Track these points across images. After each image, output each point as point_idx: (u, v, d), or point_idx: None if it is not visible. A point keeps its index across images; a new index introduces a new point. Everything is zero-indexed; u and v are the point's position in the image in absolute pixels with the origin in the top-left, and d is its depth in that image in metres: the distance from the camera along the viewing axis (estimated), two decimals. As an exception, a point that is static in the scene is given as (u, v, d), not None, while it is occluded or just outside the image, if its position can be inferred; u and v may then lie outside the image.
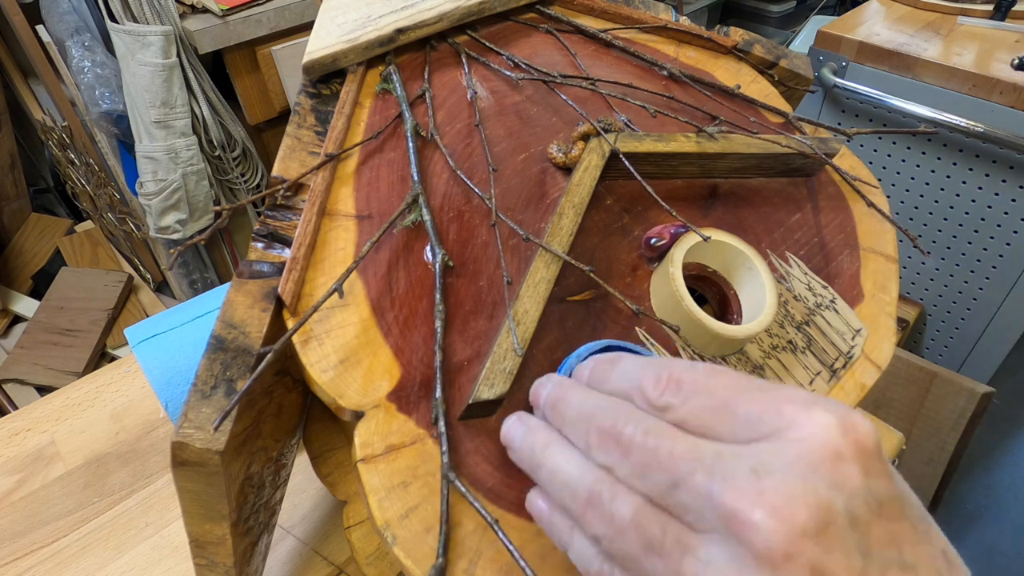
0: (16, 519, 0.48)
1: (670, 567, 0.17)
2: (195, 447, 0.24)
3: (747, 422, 0.18)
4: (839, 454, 0.16)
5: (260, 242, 0.29)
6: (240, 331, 0.27)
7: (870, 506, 0.16)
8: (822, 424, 0.17)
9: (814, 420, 0.17)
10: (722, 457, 0.17)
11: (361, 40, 0.35)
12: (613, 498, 0.19)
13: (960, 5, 1.01)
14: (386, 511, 0.25)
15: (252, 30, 1.21)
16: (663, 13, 0.43)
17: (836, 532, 0.16)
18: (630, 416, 0.19)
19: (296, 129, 0.33)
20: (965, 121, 0.84)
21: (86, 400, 0.56)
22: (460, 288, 0.30)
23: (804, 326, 0.34)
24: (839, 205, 0.38)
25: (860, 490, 0.16)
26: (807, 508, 0.15)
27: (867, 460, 0.17)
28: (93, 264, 1.57)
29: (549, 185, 0.34)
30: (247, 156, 1.33)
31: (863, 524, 0.16)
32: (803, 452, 0.16)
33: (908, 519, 0.17)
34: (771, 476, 0.16)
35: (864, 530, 0.16)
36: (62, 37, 1.20)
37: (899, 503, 0.17)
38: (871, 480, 0.17)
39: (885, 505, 0.17)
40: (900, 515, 0.17)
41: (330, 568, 0.44)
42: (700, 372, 0.19)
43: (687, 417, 0.19)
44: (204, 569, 0.31)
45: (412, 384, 0.27)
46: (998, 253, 0.93)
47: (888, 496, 0.17)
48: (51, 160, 1.60)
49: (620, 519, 0.18)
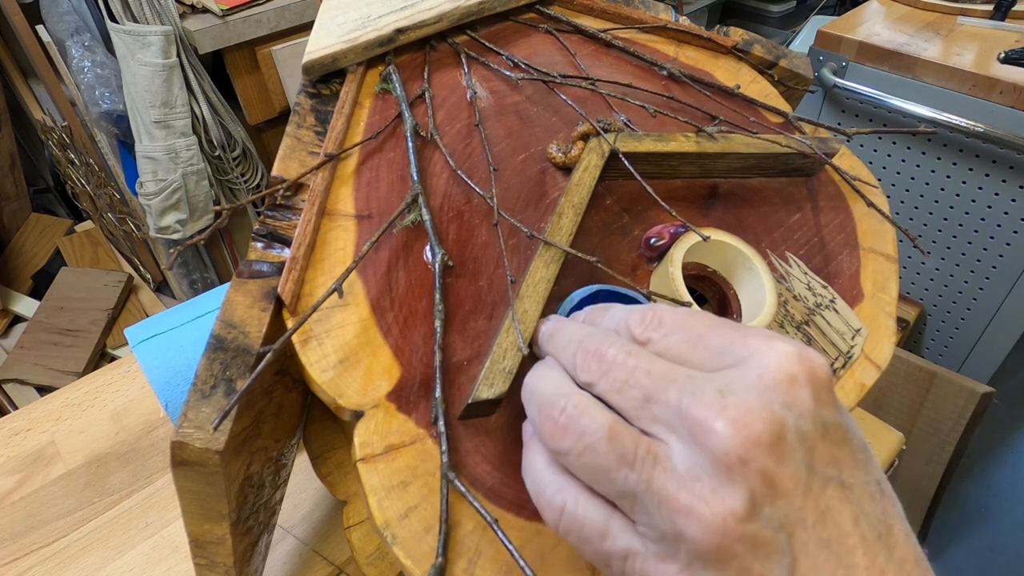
0: (16, 519, 0.48)
1: (642, 477, 0.18)
2: (195, 447, 0.24)
3: (717, 352, 0.20)
4: (793, 378, 0.19)
5: (260, 242, 0.29)
6: (240, 331, 0.27)
7: (817, 427, 0.19)
8: (781, 352, 0.19)
9: (775, 349, 0.19)
10: (692, 379, 0.19)
11: (361, 40, 0.35)
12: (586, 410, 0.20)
13: (960, 5, 1.01)
14: (386, 511, 0.25)
15: (252, 30, 1.21)
16: (663, 13, 0.44)
17: (786, 445, 0.18)
18: (614, 341, 0.21)
19: (296, 129, 0.33)
20: (965, 121, 0.84)
21: (86, 400, 0.56)
22: (460, 288, 0.30)
23: (804, 326, 0.34)
24: (839, 205, 0.38)
25: (809, 411, 0.18)
26: (762, 422, 0.18)
27: (818, 387, 0.19)
28: (93, 264, 1.57)
29: (549, 185, 0.34)
30: (247, 156, 1.33)
31: (810, 441, 0.18)
32: (763, 375, 0.19)
33: (849, 446, 0.19)
34: (733, 395, 0.18)
35: (810, 447, 0.18)
36: (62, 37, 1.20)
37: (842, 430, 0.19)
38: (820, 406, 0.19)
39: (830, 429, 0.19)
40: (843, 441, 0.19)
41: (330, 568, 0.44)
42: (681, 313, 0.22)
43: (666, 349, 0.21)
44: (204, 569, 0.31)
45: (412, 384, 0.27)
46: (998, 253, 0.93)
47: (833, 422, 0.19)
48: (51, 160, 1.60)
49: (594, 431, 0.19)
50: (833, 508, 0.18)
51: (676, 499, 0.18)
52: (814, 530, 0.18)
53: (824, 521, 0.18)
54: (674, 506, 0.18)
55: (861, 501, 0.19)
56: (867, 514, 0.19)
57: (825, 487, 0.18)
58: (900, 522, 0.19)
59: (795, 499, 0.18)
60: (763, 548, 0.17)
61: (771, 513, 0.18)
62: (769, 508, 0.18)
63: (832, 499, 0.18)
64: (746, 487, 0.17)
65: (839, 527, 0.18)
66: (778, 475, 0.18)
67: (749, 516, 0.17)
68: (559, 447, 0.20)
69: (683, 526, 0.18)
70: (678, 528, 0.18)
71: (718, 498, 0.17)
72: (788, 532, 0.18)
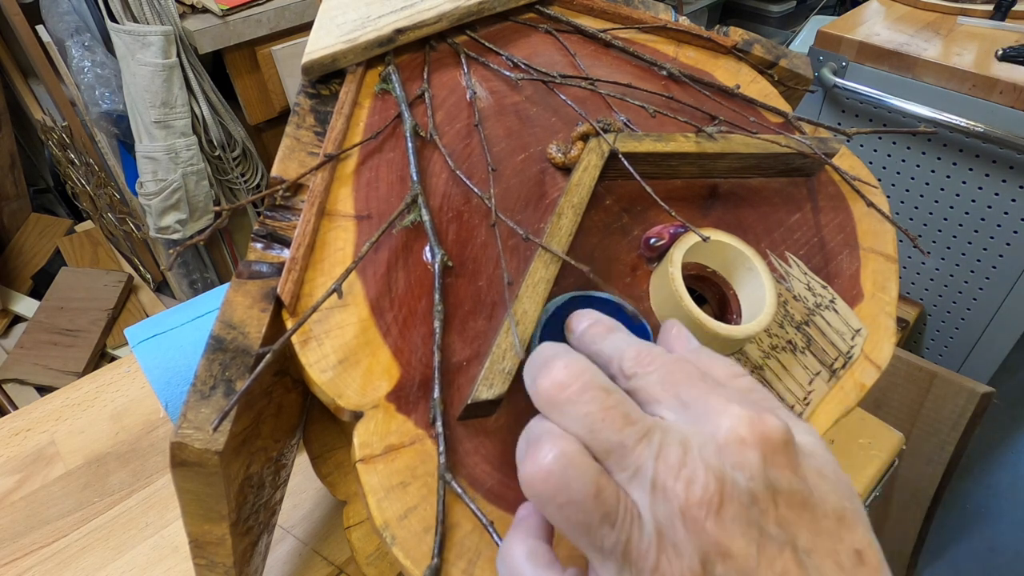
0: (16, 519, 0.48)
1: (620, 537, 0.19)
2: (194, 447, 0.24)
3: (683, 405, 0.21)
4: (743, 441, 0.19)
5: (259, 242, 0.29)
6: (239, 331, 0.27)
7: (768, 490, 0.19)
8: (734, 415, 0.20)
9: (729, 411, 0.20)
10: (665, 432, 0.20)
11: (360, 40, 0.35)
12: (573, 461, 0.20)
13: (960, 5, 1.01)
14: (385, 511, 0.25)
15: (252, 30, 1.21)
16: (663, 13, 0.43)
17: (737, 506, 0.18)
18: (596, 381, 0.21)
19: (295, 129, 0.33)
20: (965, 121, 0.84)
21: (86, 400, 0.56)
22: (459, 288, 0.30)
23: (804, 326, 0.34)
24: (839, 205, 0.38)
25: (758, 473, 0.19)
26: (715, 481, 0.18)
27: (769, 450, 0.19)
28: (93, 264, 1.57)
29: (548, 185, 0.34)
30: (247, 156, 1.33)
31: (761, 504, 0.19)
32: (716, 437, 0.19)
33: (810, 511, 0.19)
34: (691, 454, 0.19)
35: (762, 509, 0.19)
36: (62, 37, 1.20)
37: (800, 496, 0.19)
38: (771, 468, 0.19)
39: (782, 492, 0.19)
40: (799, 505, 0.19)
41: (330, 568, 0.44)
42: (671, 359, 0.22)
43: (643, 387, 0.22)
44: (204, 569, 0.31)
45: (411, 384, 0.27)
46: (998, 253, 0.93)
47: (787, 487, 0.19)
48: (51, 160, 1.60)
49: (581, 488, 0.19)
50: (790, 571, 0.18)
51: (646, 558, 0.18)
52: None
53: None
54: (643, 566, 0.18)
55: (822, 567, 0.19)
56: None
57: (781, 551, 0.18)
58: None
59: (747, 561, 0.18)
60: None
61: (723, 572, 0.18)
62: (721, 567, 0.18)
63: (788, 563, 0.18)
64: (699, 545, 0.18)
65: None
66: (728, 535, 0.18)
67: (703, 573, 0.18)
68: (540, 493, 0.20)
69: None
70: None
71: (675, 554, 0.18)
72: None
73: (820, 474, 0.20)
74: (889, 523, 1.04)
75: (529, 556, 0.21)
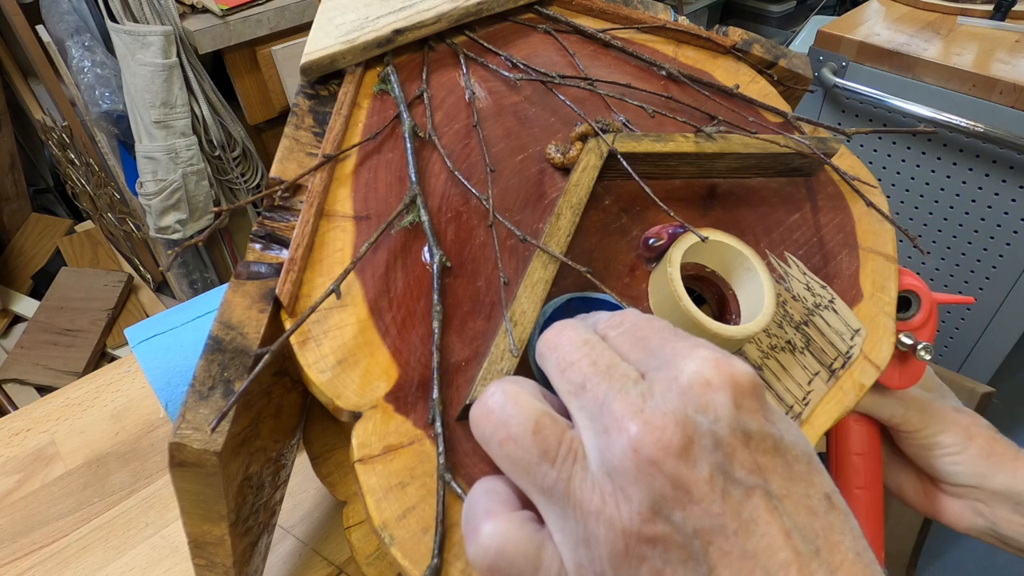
0: (16, 519, 0.48)
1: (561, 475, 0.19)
2: (193, 448, 0.24)
3: (650, 353, 0.20)
4: (708, 383, 0.18)
5: (258, 243, 0.29)
6: (238, 332, 0.27)
7: (735, 433, 0.18)
8: (700, 357, 0.19)
9: (695, 355, 0.19)
10: (626, 378, 0.19)
11: (359, 41, 0.35)
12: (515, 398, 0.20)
13: (960, 5, 1.01)
14: (384, 511, 0.25)
15: (252, 30, 1.21)
16: (662, 13, 0.43)
17: (697, 448, 0.18)
18: (578, 326, 0.22)
19: (294, 130, 0.33)
20: (965, 121, 0.84)
21: (86, 400, 0.56)
22: (458, 289, 0.30)
23: (803, 326, 0.34)
24: (838, 205, 0.38)
25: (727, 417, 0.18)
26: (675, 425, 0.18)
27: (738, 394, 0.18)
28: (93, 264, 1.57)
29: (547, 185, 0.34)
30: (247, 156, 1.33)
31: (727, 447, 0.18)
32: (680, 380, 0.19)
33: (781, 456, 0.19)
34: (652, 398, 0.18)
35: (728, 452, 0.18)
36: (62, 37, 1.20)
37: (771, 439, 0.19)
38: (741, 412, 0.18)
39: (753, 437, 0.18)
40: (772, 449, 0.19)
41: (330, 568, 0.44)
42: (643, 317, 0.22)
43: (615, 343, 0.21)
44: (203, 569, 0.31)
45: (410, 385, 0.27)
46: (998, 253, 0.93)
47: (759, 431, 0.19)
48: (51, 160, 1.60)
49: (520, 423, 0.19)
50: (760, 519, 0.17)
51: (590, 500, 0.18)
52: (736, 539, 0.17)
53: (748, 531, 0.17)
54: (587, 508, 0.18)
55: (794, 513, 0.18)
56: (801, 527, 0.18)
57: (749, 496, 0.18)
58: (851, 540, 0.18)
59: (711, 506, 0.17)
60: (674, 552, 0.17)
61: (683, 518, 0.17)
62: (680, 513, 0.17)
63: (758, 509, 0.17)
64: (652, 488, 0.17)
65: (767, 538, 0.17)
66: (689, 479, 0.17)
67: (654, 518, 0.17)
68: (481, 431, 0.20)
69: (594, 529, 0.18)
70: (589, 530, 0.18)
71: (624, 497, 0.17)
72: (705, 540, 0.17)
73: (784, 419, 0.20)
74: (889, 523, 1.04)
75: (487, 491, 0.21)
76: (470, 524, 0.20)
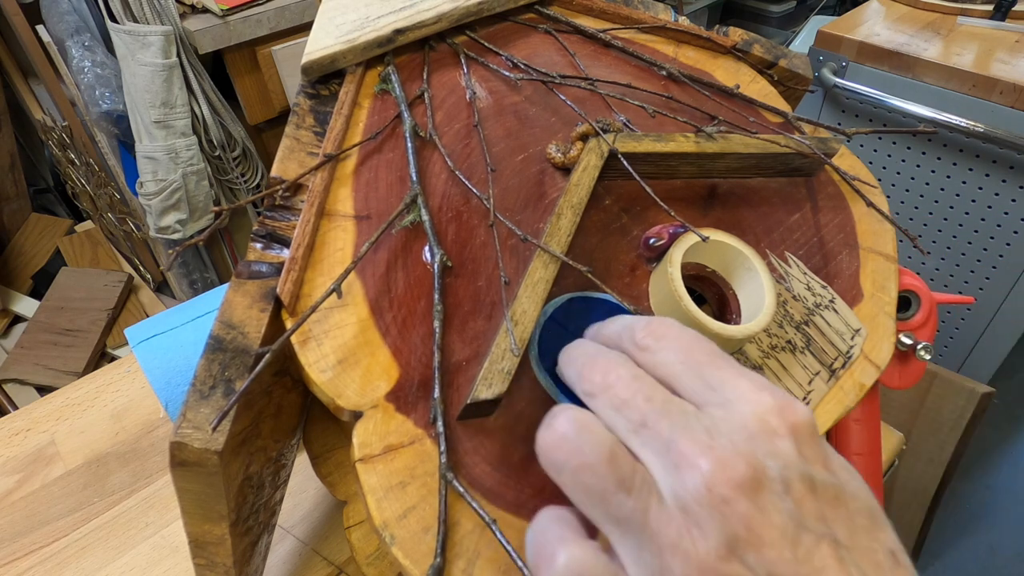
0: (16, 519, 0.48)
1: (638, 505, 0.18)
2: (193, 447, 0.24)
3: (708, 386, 0.20)
4: (774, 430, 0.19)
5: (259, 242, 0.29)
6: (239, 331, 0.27)
7: (804, 481, 0.18)
8: (763, 403, 0.19)
9: (760, 400, 0.19)
10: (685, 414, 0.19)
11: (360, 41, 0.35)
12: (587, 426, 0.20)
13: (960, 5, 1.01)
14: (384, 511, 0.25)
15: (252, 30, 1.21)
16: (662, 13, 0.43)
17: (769, 492, 0.17)
18: (622, 361, 0.21)
19: (295, 130, 0.33)
20: (965, 121, 0.84)
21: (86, 400, 0.56)
22: (458, 288, 0.30)
23: (803, 326, 0.34)
24: (838, 205, 0.38)
25: (794, 463, 0.18)
26: (746, 465, 0.17)
27: (800, 440, 0.19)
28: (93, 264, 1.57)
29: (548, 185, 0.34)
30: (247, 156, 1.33)
31: (796, 493, 0.18)
32: (746, 423, 0.19)
33: (844, 507, 0.18)
34: (720, 436, 0.18)
35: (797, 499, 0.18)
36: (62, 37, 1.20)
37: (835, 491, 0.19)
38: (805, 461, 0.19)
39: (818, 486, 0.18)
40: (835, 500, 0.18)
41: (330, 568, 0.44)
42: (686, 333, 0.22)
43: (661, 363, 0.21)
44: (204, 569, 0.31)
45: (410, 384, 0.27)
46: (998, 253, 0.93)
47: (822, 480, 0.19)
48: (51, 160, 1.60)
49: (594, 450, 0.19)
50: (829, 567, 0.17)
51: (666, 532, 0.17)
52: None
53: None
54: (664, 540, 0.18)
55: (862, 565, 0.17)
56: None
57: (818, 544, 0.17)
58: None
59: (783, 551, 0.17)
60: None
61: (756, 561, 0.17)
62: (754, 555, 0.17)
63: (827, 558, 0.17)
64: (727, 527, 0.17)
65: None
66: (761, 523, 0.17)
67: (729, 557, 0.17)
68: (554, 460, 0.20)
69: (670, 561, 0.17)
70: (665, 563, 0.17)
71: (700, 533, 0.17)
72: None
73: (847, 469, 0.20)
74: (889, 523, 1.04)
75: (557, 519, 0.21)
76: (543, 551, 0.20)
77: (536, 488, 0.27)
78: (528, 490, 0.26)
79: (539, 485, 0.27)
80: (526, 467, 0.27)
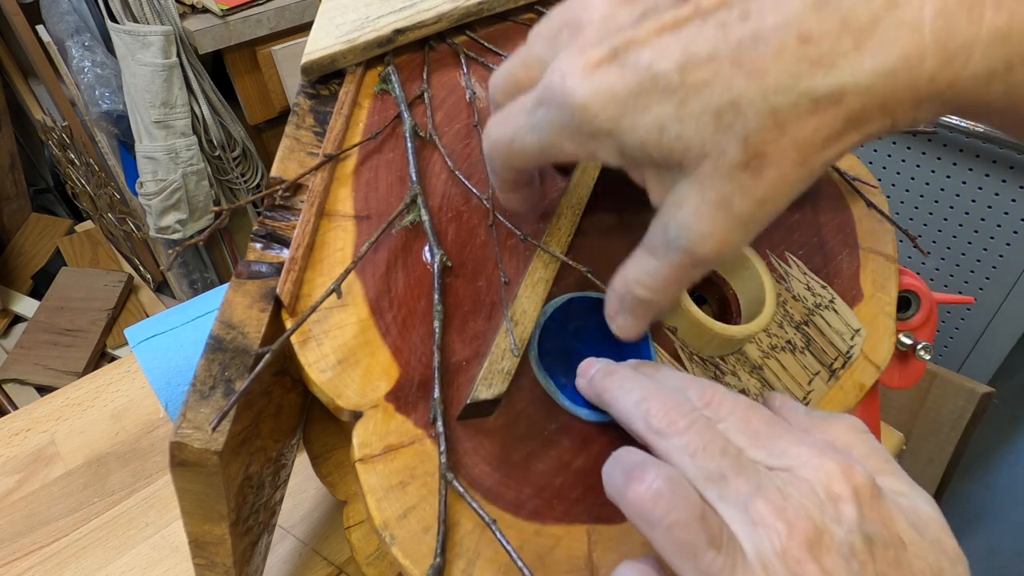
0: (16, 519, 0.48)
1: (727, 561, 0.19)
2: (193, 447, 0.24)
3: (769, 453, 0.21)
4: (839, 496, 0.20)
5: (258, 242, 0.29)
6: (239, 331, 0.27)
7: (865, 542, 0.19)
8: (827, 470, 0.20)
9: (821, 465, 0.20)
10: (759, 473, 0.20)
11: (360, 41, 0.35)
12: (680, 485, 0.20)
13: (960, 5, 1.01)
14: (384, 511, 0.25)
15: (252, 30, 1.21)
16: (662, 13, 0.43)
17: (836, 555, 0.19)
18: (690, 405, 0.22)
19: (295, 130, 0.33)
20: (965, 121, 0.84)
21: (86, 400, 0.56)
22: (459, 288, 0.30)
23: (803, 326, 0.34)
24: (838, 205, 0.38)
25: (856, 527, 0.19)
26: (815, 530, 0.19)
27: (862, 503, 0.20)
28: (93, 264, 1.57)
29: (548, 186, 0.34)
30: (247, 156, 1.33)
31: (860, 556, 0.19)
32: (813, 488, 0.20)
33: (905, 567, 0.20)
34: (791, 499, 0.19)
35: (861, 561, 0.19)
36: (62, 37, 1.20)
37: (894, 550, 0.20)
38: (866, 522, 0.20)
39: (878, 546, 0.19)
40: (894, 561, 0.19)
41: (330, 568, 0.44)
42: (740, 402, 0.23)
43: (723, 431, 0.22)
44: (203, 569, 0.31)
45: (410, 384, 0.27)
46: (998, 253, 0.93)
47: (883, 540, 0.20)
48: (51, 160, 1.60)
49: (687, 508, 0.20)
50: None
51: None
52: None
53: None
54: None
55: None
56: None
57: None
58: None
59: None
60: None
61: None
62: None
63: None
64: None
65: None
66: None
67: None
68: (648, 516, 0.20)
69: None
70: None
71: None
72: None
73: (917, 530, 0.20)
74: (889, 523, 1.04)
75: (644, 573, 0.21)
76: None
77: (536, 488, 0.27)
78: (528, 490, 0.26)
79: (539, 485, 0.27)
80: (526, 467, 0.27)
